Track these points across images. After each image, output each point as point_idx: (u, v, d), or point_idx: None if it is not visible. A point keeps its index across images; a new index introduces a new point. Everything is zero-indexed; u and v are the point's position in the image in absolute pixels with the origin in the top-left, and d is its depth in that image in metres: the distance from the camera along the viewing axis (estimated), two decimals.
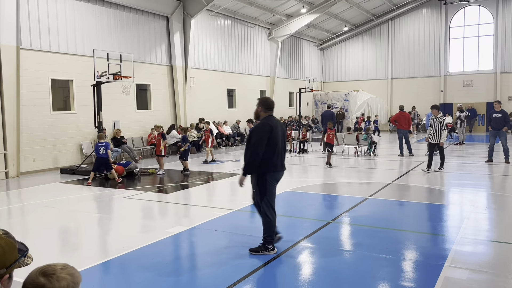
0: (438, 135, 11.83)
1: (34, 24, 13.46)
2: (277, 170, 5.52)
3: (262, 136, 5.37)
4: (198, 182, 11.36)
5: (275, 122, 5.54)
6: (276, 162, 5.46)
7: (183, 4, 18.92)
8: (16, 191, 10.93)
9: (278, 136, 5.45)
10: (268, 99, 5.77)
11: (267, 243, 5.52)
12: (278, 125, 5.54)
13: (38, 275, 1.54)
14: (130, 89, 15.69)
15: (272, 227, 5.56)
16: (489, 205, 8.24)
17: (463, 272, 4.82)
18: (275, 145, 5.40)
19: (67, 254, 5.87)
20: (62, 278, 1.55)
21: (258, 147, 5.33)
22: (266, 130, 5.39)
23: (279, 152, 5.48)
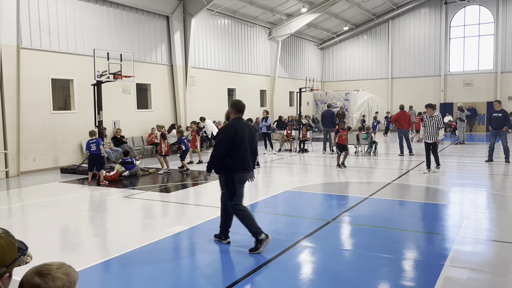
0: (433, 134, 11.61)
1: (34, 23, 13.46)
2: (243, 171, 5.69)
3: (226, 136, 5.60)
4: (198, 182, 11.37)
5: (242, 124, 5.75)
6: (242, 163, 5.66)
7: (184, 4, 18.91)
8: (17, 190, 10.93)
9: (244, 138, 5.64)
10: (239, 102, 5.94)
11: (258, 235, 5.57)
12: (245, 128, 5.75)
13: (33, 275, 1.54)
14: (131, 88, 15.70)
15: (250, 219, 5.67)
16: (489, 205, 8.23)
17: (464, 271, 4.82)
18: (240, 146, 5.60)
19: (67, 253, 5.87)
20: (57, 278, 1.54)
21: (221, 147, 5.58)
22: (231, 131, 5.62)
23: (245, 153, 5.67)
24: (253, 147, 5.89)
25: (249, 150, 5.77)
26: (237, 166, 5.64)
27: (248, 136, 5.74)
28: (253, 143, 5.86)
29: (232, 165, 5.63)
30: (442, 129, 11.61)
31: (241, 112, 5.86)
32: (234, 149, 5.58)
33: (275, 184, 10.95)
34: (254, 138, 5.91)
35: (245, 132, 5.69)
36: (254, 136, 5.93)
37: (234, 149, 5.59)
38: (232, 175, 5.65)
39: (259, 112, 24.67)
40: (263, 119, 17.87)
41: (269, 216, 7.72)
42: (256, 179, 11.55)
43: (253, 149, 5.88)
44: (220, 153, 5.59)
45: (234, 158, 5.61)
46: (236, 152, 5.61)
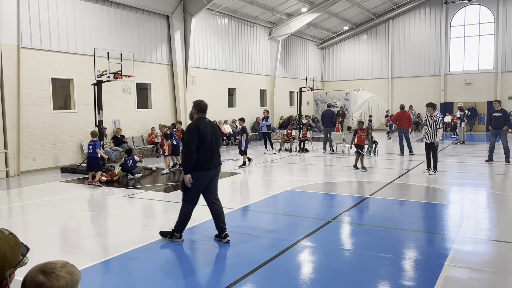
0: (432, 134, 11.54)
1: (34, 23, 13.46)
2: (204, 169, 5.84)
3: (192, 135, 5.78)
4: None
5: (204, 123, 5.91)
6: (202, 162, 5.83)
7: (184, 3, 18.91)
8: (17, 190, 10.94)
9: (206, 137, 5.81)
10: (201, 102, 6.11)
11: (176, 231, 6.03)
12: (208, 127, 5.92)
13: (37, 273, 1.53)
14: (131, 88, 15.71)
15: (185, 219, 6.02)
16: (489, 204, 8.23)
17: (464, 271, 4.82)
18: (202, 145, 5.78)
19: (68, 252, 5.87)
20: (61, 277, 1.54)
21: (191, 146, 5.74)
22: (195, 130, 5.79)
23: (207, 152, 5.83)
24: (218, 146, 6.07)
25: (213, 149, 5.93)
26: (198, 164, 5.81)
27: (212, 135, 5.90)
28: (217, 142, 6.04)
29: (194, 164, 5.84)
30: (441, 129, 11.52)
31: (204, 111, 6.04)
32: (197, 147, 5.78)
33: (275, 183, 10.95)
34: (218, 137, 6.09)
35: (208, 131, 5.86)
36: (218, 135, 6.10)
37: (197, 148, 5.79)
38: (192, 173, 5.83)
39: (259, 112, 24.69)
40: (263, 118, 17.87)
41: (269, 216, 7.73)
42: (256, 178, 11.59)
43: (218, 148, 6.07)
44: (192, 152, 5.75)
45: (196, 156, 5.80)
46: (198, 151, 5.79)
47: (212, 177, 6.01)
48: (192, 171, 5.80)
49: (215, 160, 5.99)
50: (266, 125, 17.55)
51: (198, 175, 5.85)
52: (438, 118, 11.45)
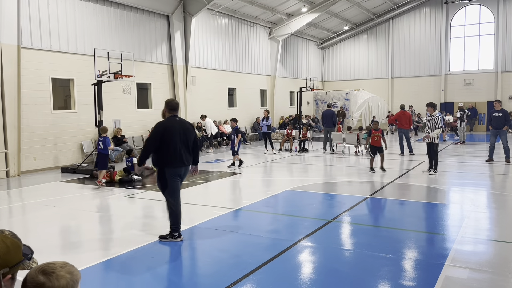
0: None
1: (34, 23, 13.46)
2: (175, 166, 6.04)
3: (154, 134, 6.07)
4: (198, 181, 11.37)
5: (173, 122, 6.11)
6: (173, 159, 6.01)
7: (184, 3, 18.91)
8: (17, 190, 10.94)
9: (175, 135, 5.98)
10: (172, 101, 6.32)
11: (173, 231, 6.13)
12: (176, 125, 6.08)
13: (37, 274, 1.54)
14: (131, 88, 15.71)
15: (176, 217, 6.13)
16: (489, 204, 8.24)
17: (464, 271, 4.82)
18: (170, 142, 5.95)
19: (68, 252, 5.87)
20: (61, 277, 1.55)
21: (150, 143, 6.06)
22: (160, 129, 6.05)
23: (176, 149, 5.99)
24: (189, 143, 6.19)
25: (183, 146, 6.08)
26: (168, 161, 6.02)
27: (181, 133, 6.05)
28: (188, 139, 6.15)
29: (163, 160, 6.03)
30: (440, 129, 11.52)
31: (175, 110, 6.24)
32: (165, 145, 5.95)
33: (276, 183, 10.96)
34: (189, 135, 6.18)
35: (176, 129, 6.01)
36: (189, 133, 6.19)
37: (165, 145, 5.95)
38: (163, 169, 6.04)
39: (259, 111, 24.70)
40: (263, 118, 17.87)
41: (269, 216, 7.73)
42: (256, 178, 11.59)
43: (189, 146, 6.19)
44: (148, 148, 6.06)
45: (165, 154, 5.98)
46: (167, 148, 5.96)
47: (182, 175, 6.22)
48: (164, 167, 6.05)
49: (185, 158, 6.12)
50: (266, 125, 17.55)
51: (169, 171, 6.04)
52: (437, 118, 11.47)
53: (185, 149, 6.11)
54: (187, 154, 6.16)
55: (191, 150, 6.24)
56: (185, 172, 6.24)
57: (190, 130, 6.25)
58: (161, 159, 6.03)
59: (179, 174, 6.13)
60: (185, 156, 6.12)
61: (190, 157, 6.26)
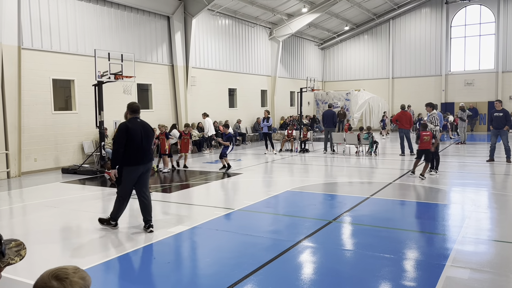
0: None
1: (35, 24, 13.48)
2: (133, 164, 6.45)
3: (120, 134, 6.42)
4: (199, 182, 11.37)
5: (134, 123, 6.52)
6: (133, 158, 6.42)
7: (184, 4, 18.92)
8: (18, 190, 10.95)
9: (136, 136, 6.39)
10: (133, 104, 6.77)
11: (111, 220, 6.75)
12: (137, 126, 6.50)
13: (50, 279, 1.50)
14: (131, 88, 15.71)
15: (118, 210, 6.68)
16: (490, 205, 8.23)
17: (465, 271, 4.81)
18: (130, 143, 6.36)
19: (69, 253, 5.87)
20: (75, 283, 1.52)
21: (118, 144, 6.40)
22: (123, 129, 6.41)
23: (136, 149, 6.41)
24: (149, 144, 6.67)
25: (143, 146, 6.50)
26: (128, 160, 6.41)
27: (142, 134, 6.48)
28: (148, 140, 6.64)
29: (124, 159, 6.42)
30: (438, 127, 11.52)
31: (136, 112, 6.67)
32: (127, 144, 6.36)
33: (276, 184, 10.95)
34: (148, 136, 6.63)
35: (137, 130, 6.44)
36: (149, 133, 6.67)
37: (127, 145, 6.36)
38: (122, 168, 6.45)
39: (260, 112, 24.70)
40: (264, 119, 17.87)
41: (270, 216, 7.72)
42: (257, 179, 11.59)
43: (149, 146, 6.66)
44: (118, 150, 6.40)
45: (126, 153, 6.38)
46: (128, 148, 6.35)
47: (143, 172, 6.59)
48: (123, 166, 6.42)
49: (145, 157, 6.54)
50: (267, 125, 17.55)
51: (128, 170, 6.44)
52: (433, 116, 11.55)
53: (145, 149, 6.54)
54: (147, 152, 6.60)
55: (149, 150, 6.70)
56: (145, 170, 6.61)
57: (150, 131, 6.72)
58: (122, 157, 6.43)
59: (137, 172, 6.50)
60: (145, 155, 6.54)
61: (150, 155, 6.69)
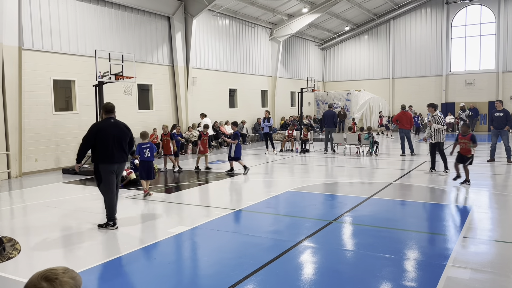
0: (435, 134, 11.58)
1: (36, 24, 13.49)
2: (107, 162, 6.73)
3: (88, 134, 6.78)
4: (200, 182, 11.38)
5: (106, 123, 6.85)
6: (106, 156, 6.71)
7: (185, 4, 18.93)
8: (19, 191, 10.95)
9: (107, 135, 6.70)
10: (107, 104, 7.08)
11: (108, 220, 6.85)
12: (110, 126, 6.81)
13: (40, 280, 1.51)
14: (132, 89, 15.72)
15: (109, 208, 6.84)
16: (491, 205, 8.22)
17: (465, 271, 4.81)
18: (103, 142, 6.66)
19: (69, 253, 5.88)
20: (65, 283, 1.52)
21: (84, 142, 6.76)
22: (94, 129, 6.80)
23: (109, 147, 6.69)
24: (123, 143, 6.87)
25: (117, 145, 6.77)
26: (102, 158, 6.72)
27: (115, 133, 6.76)
28: (121, 139, 6.84)
29: (98, 157, 6.73)
30: (444, 126, 11.52)
31: (110, 112, 6.97)
32: (99, 144, 6.66)
33: (277, 184, 10.95)
34: (122, 135, 6.88)
35: (109, 130, 6.73)
36: (122, 133, 6.89)
37: (99, 144, 6.66)
38: (98, 165, 6.76)
39: (260, 112, 24.70)
40: (264, 119, 17.87)
41: (270, 217, 7.72)
42: (257, 179, 11.59)
43: (123, 145, 6.88)
44: (82, 147, 6.74)
45: (99, 152, 6.71)
46: (100, 147, 6.68)
47: (119, 171, 6.94)
48: (98, 164, 6.76)
49: (118, 156, 6.81)
50: (267, 125, 17.55)
51: (103, 167, 6.74)
52: (439, 117, 11.55)
53: (118, 148, 6.80)
54: (121, 152, 6.85)
55: (126, 148, 6.96)
56: (119, 168, 6.92)
57: (124, 131, 6.94)
58: (96, 156, 6.74)
59: (112, 170, 6.79)
60: (118, 154, 6.80)
61: (124, 155, 6.95)
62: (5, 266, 5.38)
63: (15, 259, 5.74)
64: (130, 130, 7.17)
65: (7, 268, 5.29)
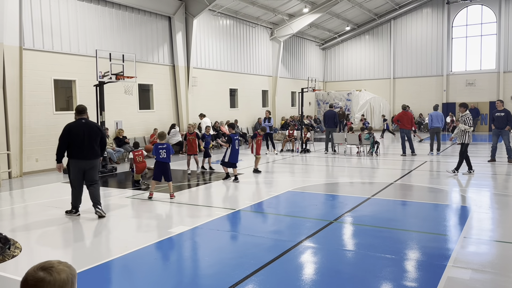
0: (461, 135, 11.34)
1: (36, 24, 13.50)
2: (75, 158, 7.50)
3: (62, 133, 7.53)
4: (200, 182, 11.37)
5: (78, 124, 7.55)
6: (76, 153, 7.47)
7: (185, 4, 18.94)
8: (19, 191, 10.96)
9: (77, 135, 7.42)
10: (78, 106, 7.76)
11: (72, 208, 7.83)
12: (80, 126, 7.50)
13: (37, 271, 1.58)
14: (133, 89, 15.72)
15: (74, 198, 7.76)
16: (492, 205, 8.21)
17: (466, 271, 4.81)
18: (74, 140, 7.43)
19: (70, 253, 5.88)
20: (61, 270, 1.60)
21: (60, 142, 7.52)
22: (66, 129, 7.52)
23: (79, 145, 7.43)
24: (93, 141, 7.52)
25: (87, 144, 7.46)
26: (73, 155, 7.51)
27: (86, 132, 7.45)
28: (91, 138, 7.50)
29: (70, 154, 7.55)
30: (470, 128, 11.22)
31: (81, 113, 7.65)
32: (70, 142, 7.44)
33: (277, 184, 10.95)
34: (93, 134, 7.54)
35: (79, 129, 7.45)
36: (93, 132, 7.55)
37: (71, 142, 7.44)
38: (69, 161, 7.60)
39: (261, 112, 24.69)
40: (265, 119, 17.87)
41: (271, 217, 7.72)
42: (258, 179, 11.58)
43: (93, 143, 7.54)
44: (60, 147, 7.51)
45: (71, 149, 7.49)
46: (72, 145, 7.44)
47: (88, 168, 7.59)
48: (69, 159, 7.55)
49: (87, 153, 7.50)
50: (268, 125, 17.55)
51: (72, 162, 7.55)
52: (467, 117, 11.32)
53: (88, 146, 7.49)
54: (91, 150, 7.54)
55: (96, 146, 7.61)
56: (89, 165, 7.59)
57: (94, 130, 7.59)
58: (69, 153, 7.55)
59: (80, 166, 7.54)
60: (87, 152, 7.50)
61: (94, 152, 7.60)
62: (5, 266, 5.38)
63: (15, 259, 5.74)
64: (101, 130, 7.81)
65: (7, 268, 5.30)
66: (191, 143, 12.76)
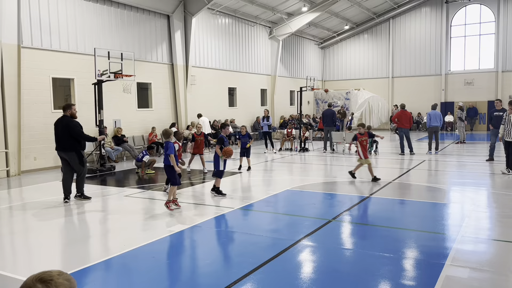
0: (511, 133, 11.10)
1: (35, 22, 13.46)
2: (57, 149, 8.86)
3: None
4: (198, 181, 11.37)
5: (58, 119, 8.86)
6: (57, 145, 8.81)
7: (184, 3, 18.91)
8: (18, 189, 10.94)
9: (56, 129, 8.77)
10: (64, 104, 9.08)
11: (65, 197, 8.87)
12: (59, 122, 8.80)
13: (35, 282, 1.50)
14: (131, 87, 15.71)
15: (63, 187, 8.88)
16: (490, 204, 8.23)
17: (464, 270, 4.82)
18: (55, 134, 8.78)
19: (68, 252, 5.88)
20: (60, 284, 1.52)
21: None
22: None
23: (56, 139, 8.77)
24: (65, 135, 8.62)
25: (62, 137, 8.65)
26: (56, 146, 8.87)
27: (60, 127, 8.69)
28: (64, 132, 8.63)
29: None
30: None
31: (63, 110, 8.88)
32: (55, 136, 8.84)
33: (276, 183, 10.96)
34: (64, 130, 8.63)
35: (57, 125, 8.76)
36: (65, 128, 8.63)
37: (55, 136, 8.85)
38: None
39: (259, 111, 24.70)
40: (264, 118, 17.87)
41: (270, 215, 7.73)
42: (257, 178, 11.59)
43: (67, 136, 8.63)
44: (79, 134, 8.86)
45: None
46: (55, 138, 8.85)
47: (67, 158, 8.75)
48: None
49: (61, 145, 8.72)
50: (266, 124, 17.55)
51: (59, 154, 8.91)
52: None
53: (63, 139, 8.65)
54: (65, 142, 8.66)
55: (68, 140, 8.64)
56: (64, 156, 8.78)
57: (64, 125, 8.63)
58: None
59: (61, 156, 8.86)
60: (61, 144, 8.70)
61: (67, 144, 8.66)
62: (4, 265, 5.38)
63: (15, 259, 5.74)
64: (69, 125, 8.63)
65: (6, 267, 5.29)
66: (199, 144, 12.84)
